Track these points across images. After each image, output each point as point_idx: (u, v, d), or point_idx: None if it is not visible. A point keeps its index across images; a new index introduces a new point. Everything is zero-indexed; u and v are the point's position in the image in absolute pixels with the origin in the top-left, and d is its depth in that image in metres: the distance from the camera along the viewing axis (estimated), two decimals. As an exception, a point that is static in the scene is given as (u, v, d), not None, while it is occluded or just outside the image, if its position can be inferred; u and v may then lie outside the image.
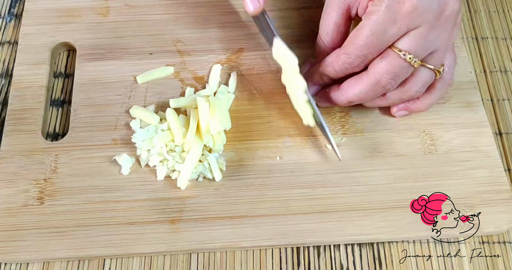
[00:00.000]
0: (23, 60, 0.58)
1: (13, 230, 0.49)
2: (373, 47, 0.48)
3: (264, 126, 0.55)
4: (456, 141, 0.54)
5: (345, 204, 0.50)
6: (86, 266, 0.50)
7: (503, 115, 0.58)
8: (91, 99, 0.56)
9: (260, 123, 0.55)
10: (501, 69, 0.61)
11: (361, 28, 0.48)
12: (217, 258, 0.50)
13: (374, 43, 0.48)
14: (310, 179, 0.52)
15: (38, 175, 0.52)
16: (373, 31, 0.47)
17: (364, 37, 0.47)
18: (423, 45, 0.48)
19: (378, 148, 0.53)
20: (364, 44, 0.48)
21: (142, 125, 0.54)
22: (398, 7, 0.46)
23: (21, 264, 0.50)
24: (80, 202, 0.51)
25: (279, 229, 0.49)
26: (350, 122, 0.55)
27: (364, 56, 0.49)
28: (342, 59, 0.50)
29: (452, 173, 0.52)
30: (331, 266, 0.50)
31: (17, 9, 0.64)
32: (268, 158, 0.53)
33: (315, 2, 0.62)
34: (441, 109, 0.55)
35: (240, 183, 0.52)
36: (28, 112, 0.55)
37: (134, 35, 0.60)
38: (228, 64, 0.58)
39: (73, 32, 0.60)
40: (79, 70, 0.58)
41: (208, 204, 0.50)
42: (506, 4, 0.65)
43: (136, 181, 0.52)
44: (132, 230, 0.49)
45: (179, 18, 0.61)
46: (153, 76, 0.57)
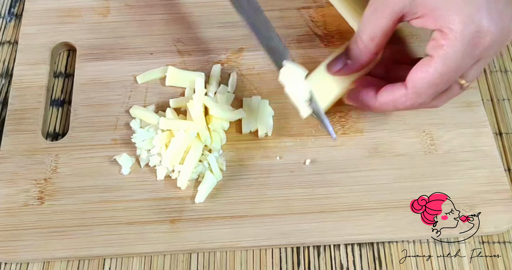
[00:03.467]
0: (23, 60, 0.58)
1: (13, 230, 0.49)
2: (447, 83, 0.45)
3: (264, 126, 0.55)
4: (456, 141, 0.54)
5: (345, 204, 0.50)
6: (86, 266, 0.50)
7: (503, 115, 0.58)
8: (91, 99, 0.56)
9: (260, 123, 0.55)
10: (501, 69, 0.61)
11: (434, 65, 0.44)
12: (217, 258, 0.50)
13: (450, 79, 0.45)
14: (310, 179, 0.52)
15: (38, 175, 0.52)
16: (450, 68, 0.44)
17: (440, 74, 0.44)
18: (480, 71, 0.47)
19: (378, 148, 0.53)
20: (441, 81, 0.45)
21: (142, 125, 0.54)
22: (478, 42, 0.43)
23: (21, 264, 0.50)
24: (80, 202, 0.51)
25: (279, 229, 0.49)
26: (350, 122, 0.55)
27: (436, 92, 0.46)
28: (411, 99, 0.46)
29: (452, 173, 0.52)
30: (331, 266, 0.50)
31: (17, 9, 0.64)
32: (268, 158, 0.53)
33: (315, 2, 0.62)
34: (441, 109, 0.55)
35: (240, 183, 0.52)
36: (28, 112, 0.55)
37: (134, 35, 0.60)
38: (228, 64, 0.58)
39: (73, 32, 0.60)
40: (79, 70, 0.58)
41: (208, 204, 0.50)
42: (506, 4, 0.65)
43: (136, 181, 0.52)
44: (132, 230, 0.49)
45: (179, 18, 0.61)
46: (153, 76, 0.57)
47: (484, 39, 0.43)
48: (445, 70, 0.44)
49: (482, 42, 0.43)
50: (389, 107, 0.49)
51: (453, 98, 0.50)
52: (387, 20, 0.46)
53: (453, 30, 0.43)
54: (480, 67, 0.46)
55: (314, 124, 0.54)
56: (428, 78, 0.45)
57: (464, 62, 0.44)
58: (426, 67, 0.45)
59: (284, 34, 0.59)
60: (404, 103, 0.47)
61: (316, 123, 0.54)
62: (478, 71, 0.47)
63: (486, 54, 0.45)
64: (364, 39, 0.48)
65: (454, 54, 0.43)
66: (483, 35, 0.43)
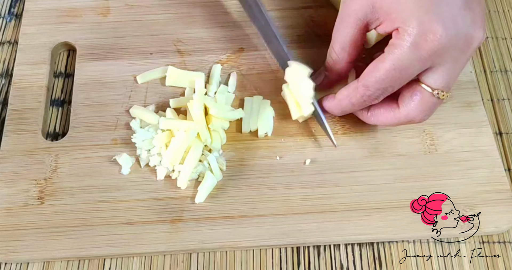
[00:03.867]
0: (23, 60, 0.58)
1: (13, 230, 0.49)
2: (394, 81, 0.46)
3: (264, 126, 0.55)
4: (456, 141, 0.54)
5: (345, 204, 0.50)
6: (86, 266, 0.50)
7: (503, 115, 0.58)
8: (91, 99, 0.56)
9: (260, 123, 0.55)
10: (501, 69, 0.61)
11: (383, 61, 0.46)
12: (217, 258, 0.50)
13: (396, 78, 0.46)
14: (310, 179, 0.52)
15: (38, 174, 0.52)
16: (396, 66, 0.45)
17: (385, 71, 0.46)
18: (452, 79, 0.47)
19: (378, 148, 0.53)
20: (386, 77, 0.46)
21: (142, 125, 0.54)
22: (424, 44, 0.44)
23: (21, 264, 0.50)
24: (80, 201, 0.51)
25: (279, 229, 0.49)
26: (350, 122, 0.55)
27: (384, 89, 0.47)
28: (360, 91, 0.48)
29: (452, 173, 0.52)
30: (331, 266, 0.50)
31: (17, 9, 0.64)
32: (268, 158, 0.53)
33: (315, 2, 0.62)
34: (441, 109, 0.55)
35: (240, 183, 0.52)
36: (28, 112, 0.55)
37: (134, 35, 0.60)
38: (228, 64, 0.58)
39: (73, 32, 0.60)
40: (79, 70, 0.58)
41: (208, 204, 0.50)
42: (505, 4, 0.65)
43: (136, 181, 0.52)
44: (132, 230, 0.49)
45: (179, 18, 0.61)
46: (153, 76, 0.57)
47: (432, 43, 0.44)
48: (391, 67, 0.45)
49: (429, 45, 0.44)
50: (346, 102, 0.50)
51: (433, 109, 0.49)
52: (353, 28, 0.48)
53: (404, 30, 0.44)
54: (444, 74, 0.46)
55: (314, 124, 0.54)
56: (375, 72, 0.46)
57: (411, 63, 0.45)
58: (376, 62, 0.46)
59: (284, 34, 0.59)
60: (355, 96, 0.49)
61: (316, 123, 0.54)
62: (446, 78, 0.46)
63: (439, 59, 0.45)
64: (336, 49, 0.50)
65: (400, 53, 0.45)
66: (430, 39, 0.43)
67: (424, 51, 0.44)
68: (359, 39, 0.49)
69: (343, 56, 0.50)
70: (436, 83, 0.47)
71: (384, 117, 0.50)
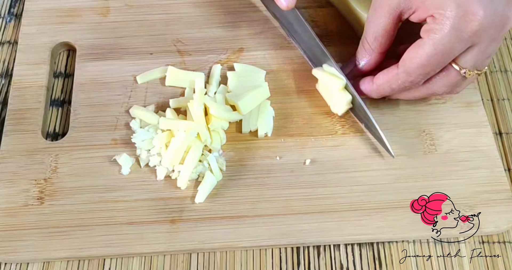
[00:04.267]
0: (23, 60, 0.58)
1: (13, 230, 0.49)
2: (436, 65, 0.47)
3: (264, 126, 0.55)
4: (456, 141, 0.54)
5: (345, 204, 0.50)
6: (86, 266, 0.50)
7: (503, 115, 0.58)
8: (91, 99, 0.56)
9: (260, 123, 0.55)
10: (501, 69, 0.61)
11: (423, 47, 0.46)
12: (217, 258, 0.50)
13: (438, 61, 0.47)
14: (310, 179, 0.52)
15: (38, 175, 0.52)
16: (438, 50, 0.46)
17: (427, 56, 0.46)
18: (482, 59, 0.48)
19: (378, 148, 0.53)
20: (427, 63, 0.47)
21: (142, 125, 0.54)
22: (465, 26, 0.44)
23: (21, 264, 0.50)
24: (80, 202, 0.51)
25: (279, 229, 0.49)
26: (350, 122, 0.55)
27: (426, 73, 0.48)
28: (402, 78, 0.49)
29: (452, 173, 0.52)
30: (331, 266, 0.50)
31: (17, 9, 0.64)
32: (268, 158, 0.53)
33: (315, 2, 0.62)
34: (441, 109, 0.55)
35: (240, 183, 0.52)
36: (28, 112, 0.55)
37: (134, 35, 0.60)
38: (228, 64, 0.58)
39: (73, 32, 0.60)
40: (79, 70, 0.58)
41: (208, 204, 0.50)
42: (506, 4, 0.65)
43: (136, 181, 0.52)
44: (132, 230, 0.49)
45: (179, 18, 0.61)
46: (153, 76, 0.57)
47: (472, 23, 0.44)
48: (433, 52, 0.46)
49: (470, 26, 0.44)
50: (385, 88, 0.51)
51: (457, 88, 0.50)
52: (386, 18, 0.48)
53: (442, 14, 0.45)
54: (477, 54, 0.47)
55: (314, 124, 0.54)
56: (417, 58, 0.47)
57: (452, 46, 0.45)
58: (416, 49, 0.47)
59: (284, 34, 0.59)
60: (396, 82, 0.49)
61: (316, 123, 0.54)
62: (477, 58, 0.47)
63: (478, 40, 0.46)
64: (368, 39, 0.51)
65: (441, 37, 0.45)
66: (470, 19, 0.44)
67: (465, 32, 0.45)
68: (392, 29, 0.49)
69: (375, 46, 0.51)
70: (466, 63, 0.47)
71: (410, 93, 0.51)
